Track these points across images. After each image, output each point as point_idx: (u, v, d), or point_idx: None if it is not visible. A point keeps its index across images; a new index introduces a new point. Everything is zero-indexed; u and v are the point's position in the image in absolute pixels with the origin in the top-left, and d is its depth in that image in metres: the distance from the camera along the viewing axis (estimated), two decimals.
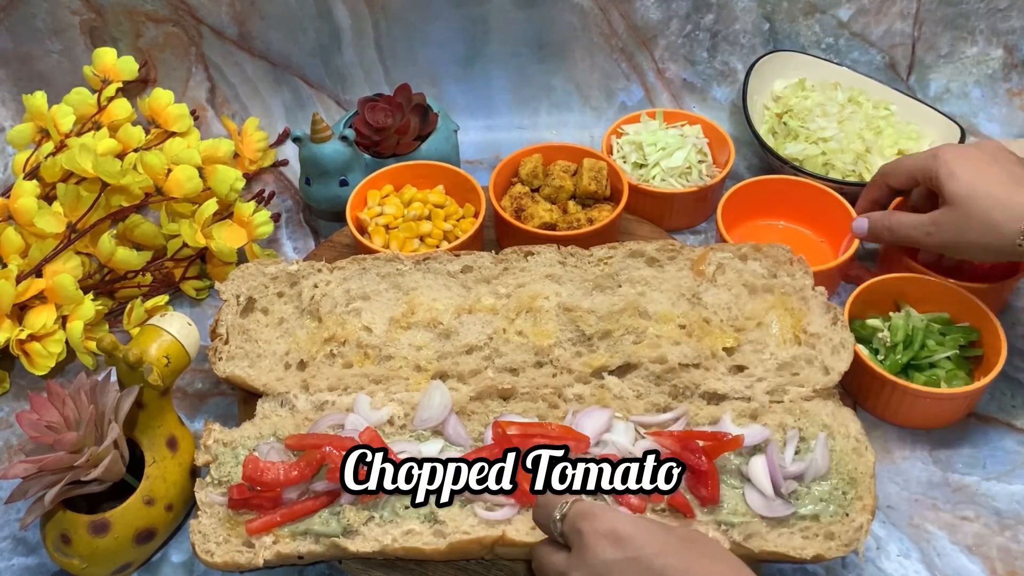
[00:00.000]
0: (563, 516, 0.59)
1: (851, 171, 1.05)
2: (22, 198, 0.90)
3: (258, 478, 0.70)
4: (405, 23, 1.15)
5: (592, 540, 0.55)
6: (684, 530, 0.59)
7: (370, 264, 0.86)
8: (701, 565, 0.54)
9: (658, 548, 0.54)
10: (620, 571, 0.54)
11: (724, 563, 0.55)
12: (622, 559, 0.54)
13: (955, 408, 0.83)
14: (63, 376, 0.94)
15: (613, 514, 0.57)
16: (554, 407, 0.77)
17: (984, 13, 1.14)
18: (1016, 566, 0.75)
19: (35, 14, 1.11)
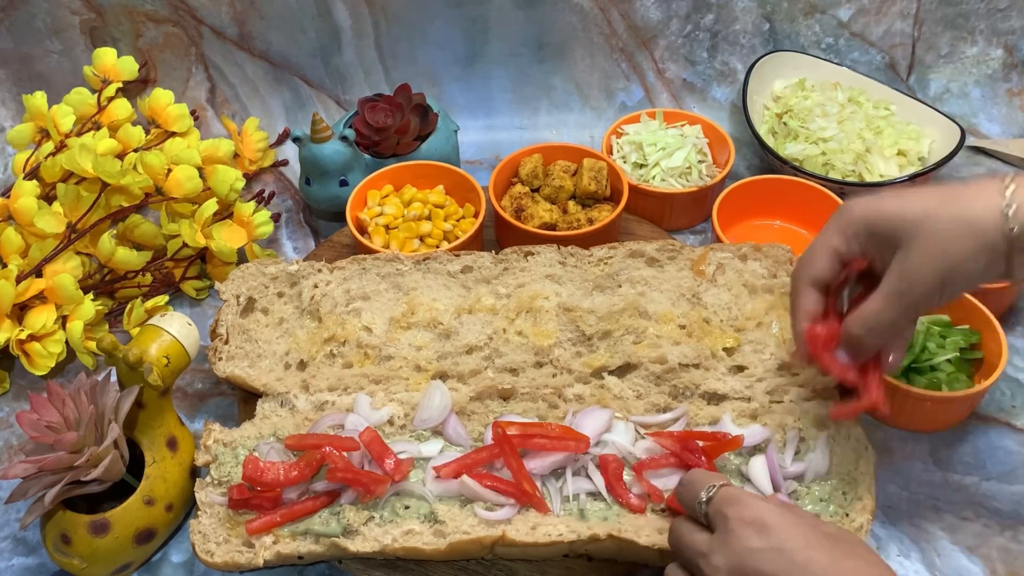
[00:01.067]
0: (709, 498, 0.59)
1: (851, 171, 1.05)
2: (22, 198, 0.90)
3: (258, 478, 0.70)
4: (405, 23, 1.15)
5: (737, 526, 0.55)
6: (831, 527, 0.58)
7: (370, 264, 0.86)
8: (845, 564, 0.53)
9: (803, 542, 0.54)
10: (763, 560, 0.54)
11: (870, 565, 0.54)
12: (766, 548, 0.54)
13: (956, 411, 0.83)
14: (63, 376, 0.94)
15: (761, 503, 0.57)
16: (554, 407, 0.77)
17: (984, 13, 1.14)
18: (1016, 566, 0.75)
19: (35, 14, 1.11)
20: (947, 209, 0.57)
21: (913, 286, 0.59)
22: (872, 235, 0.61)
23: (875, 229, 0.60)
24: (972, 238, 0.57)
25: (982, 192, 0.57)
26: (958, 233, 0.57)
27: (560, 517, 0.70)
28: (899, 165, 1.05)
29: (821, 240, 0.64)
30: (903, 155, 1.06)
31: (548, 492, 0.71)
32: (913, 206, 0.59)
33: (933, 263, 0.58)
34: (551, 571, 0.72)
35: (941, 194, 0.59)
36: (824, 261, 0.64)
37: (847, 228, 0.62)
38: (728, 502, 0.57)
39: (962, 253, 0.57)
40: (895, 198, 0.60)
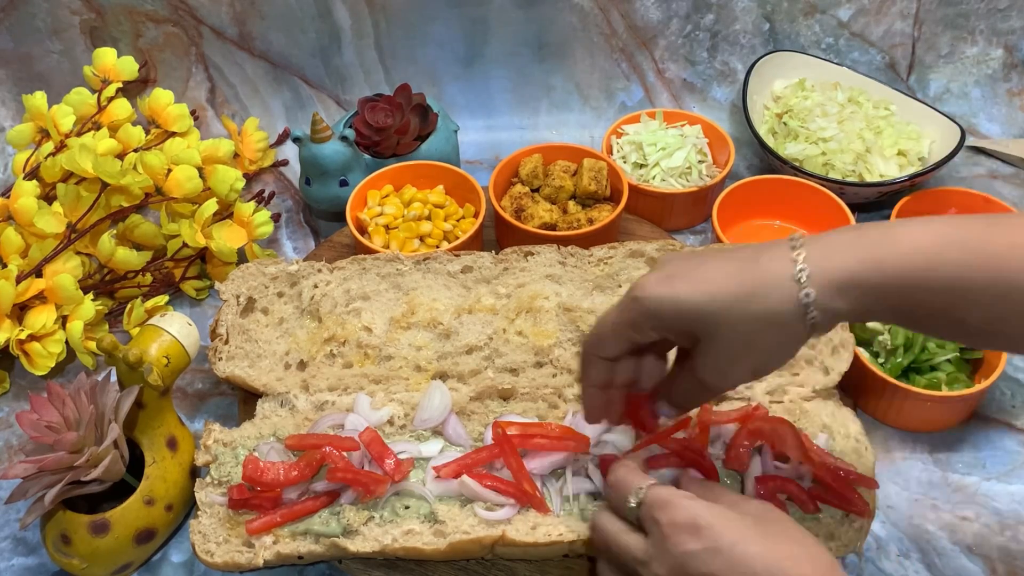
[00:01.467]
0: (640, 502, 0.59)
1: (851, 171, 1.05)
2: (22, 198, 0.89)
3: (258, 478, 0.70)
4: (405, 23, 1.15)
5: (671, 531, 0.55)
6: (759, 509, 0.58)
7: (370, 264, 0.86)
8: (780, 548, 0.54)
9: (738, 536, 0.54)
10: (702, 562, 0.54)
11: (799, 544, 0.55)
12: (702, 550, 0.54)
13: (956, 411, 0.83)
14: (63, 376, 0.94)
15: (690, 503, 0.57)
16: (554, 407, 0.77)
17: (984, 13, 1.14)
18: (1016, 566, 0.75)
19: (35, 14, 1.11)
20: (745, 308, 0.54)
21: (724, 379, 0.59)
22: (670, 328, 0.57)
23: (671, 325, 0.57)
24: (774, 334, 0.55)
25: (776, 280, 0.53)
26: (760, 332, 0.55)
27: (560, 517, 0.70)
28: (899, 165, 1.05)
29: (613, 324, 0.60)
30: (903, 155, 1.06)
31: (548, 492, 0.71)
32: (711, 302, 0.55)
33: (738, 361, 0.57)
34: (551, 571, 0.72)
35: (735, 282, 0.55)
36: (615, 346, 0.60)
37: (643, 321, 0.57)
38: (658, 506, 0.57)
39: (767, 349, 0.56)
40: (688, 282, 0.56)
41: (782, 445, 0.69)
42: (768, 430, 0.70)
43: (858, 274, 0.52)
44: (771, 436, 0.70)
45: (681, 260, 0.58)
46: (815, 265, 0.53)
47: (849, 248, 0.53)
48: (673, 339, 0.59)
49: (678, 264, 0.57)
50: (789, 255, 0.54)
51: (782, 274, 0.53)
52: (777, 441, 0.69)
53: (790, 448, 0.69)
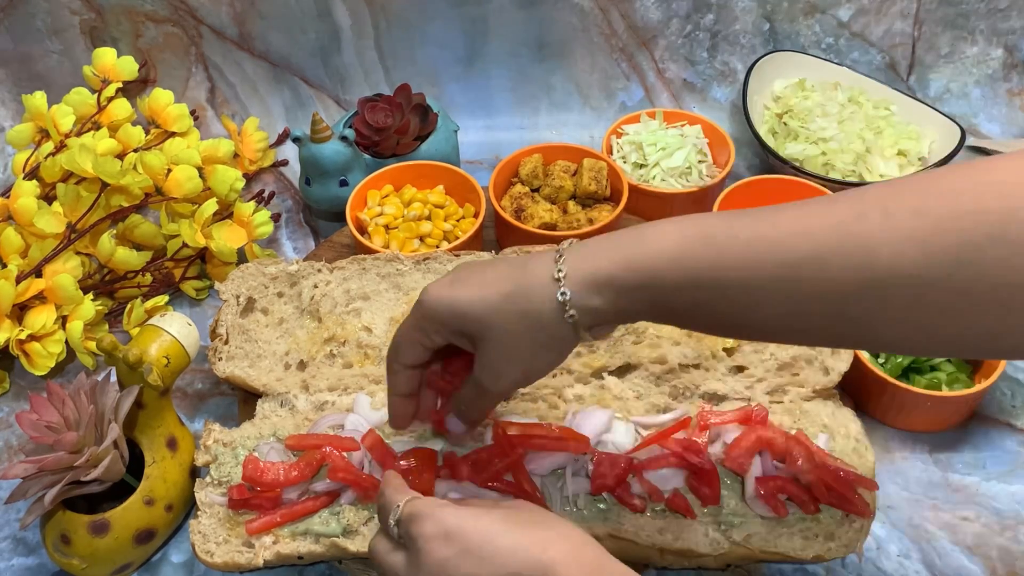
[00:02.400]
0: (398, 520, 0.58)
1: (851, 171, 1.05)
2: (22, 198, 0.89)
3: (258, 478, 0.70)
4: (405, 23, 1.15)
5: (424, 544, 0.55)
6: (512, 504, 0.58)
7: (370, 264, 0.86)
8: (528, 536, 0.54)
9: (483, 534, 0.54)
10: (455, 567, 0.54)
11: (548, 530, 0.55)
12: (454, 554, 0.54)
13: (956, 411, 0.83)
14: (63, 376, 0.94)
15: (439, 510, 0.57)
16: (554, 407, 0.77)
17: (984, 13, 1.14)
18: (1016, 566, 0.75)
19: (35, 14, 1.11)
20: (512, 306, 0.57)
21: (497, 381, 0.61)
22: (450, 330, 0.60)
23: (450, 326, 0.60)
24: (538, 332, 0.57)
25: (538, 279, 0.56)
26: (525, 330, 0.57)
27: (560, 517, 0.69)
28: (899, 165, 1.05)
29: (405, 330, 0.63)
30: (903, 155, 1.06)
31: (548, 492, 0.71)
32: (482, 303, 0.58)
33: (509, 361, 0.59)
34: None
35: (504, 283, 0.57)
36: (411, 352, 0.64)
37: (426, 324, 0.61)
38: (412, 520, 0.57)
39: (533, 348, 0.58)
40: (465, 286, 0.59)
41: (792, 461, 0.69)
42: (780, 444, 0.70)
43: (610, 273, 0.54)
44: (782, 451, 0.70)
45: (469, 267, 0.61)
46: (572, 266, 0.55)
47: (603, 250, 0.56)
48: (456, 342, 0.61)
49: (464, 271, 0.61)
50: (552, 258, 0.57)
51: (543, 275, 0.56)
52: (789, 459, 0.69)
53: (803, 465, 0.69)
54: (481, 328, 0.58)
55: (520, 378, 0.61)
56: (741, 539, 0.68)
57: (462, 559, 0.54)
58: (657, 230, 0.55)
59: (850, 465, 0.70)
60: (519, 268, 0.58)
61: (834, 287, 0.49)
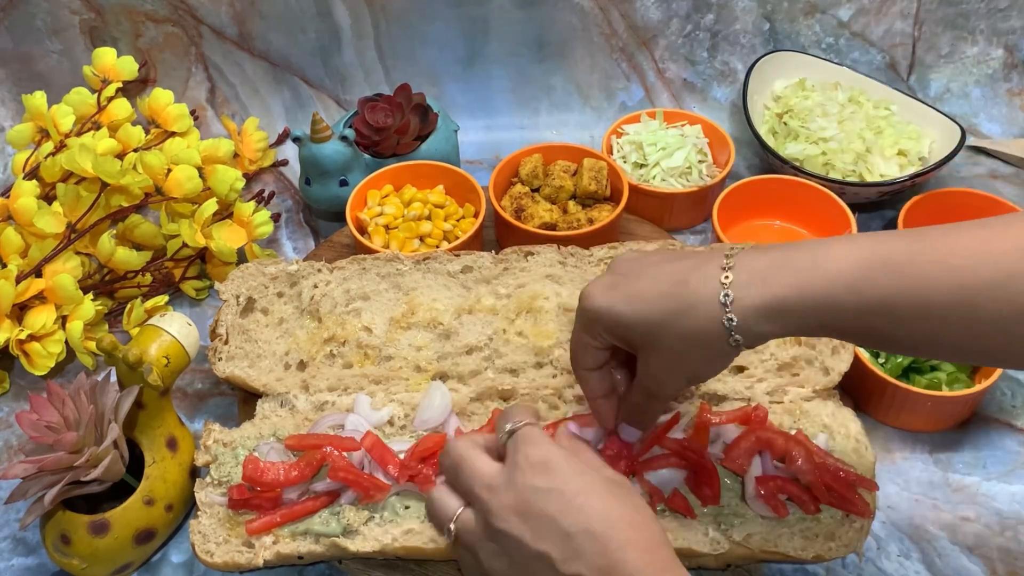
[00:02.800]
0: (511, 431, 0.61)
1: (851, 171, 1.05)
2: (22, 198, 0.89)
3: (258, 478, 0.70)
4: (405, 23, 1.15)
5: (524, 463, 0.58)
6: (613, 474, 0.61)
7: (370, 264, 0.86)
8: (618, 510, 0.56)
9: (582, 486, 0.57)
10: (542, 500, 0.56)
11: (640, 513, 0.57)
12: (547, 489, 0.56)
13: (957, 411, 0.83)
14: (63, 376, 0.94)
15: (550, 445, 0.59)
16: (554, 408, 0.77)
17: (984, 13, 1.14)
18: (1016, 566, 0.75)
19: (35, 14, 1.11)
20: (673, 326, 0.57)
21: (661, 388, 0.62)
22: (613, 336, 0.61)
23: (614, 335, 0.61)
24: (701, 350, 0.57)
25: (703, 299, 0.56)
26: (687, 349, 0.58)
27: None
28: (899, 165, 1.05)
29: (576, 335, 0.65)
30: (903, 155, 1.06)
31: None
32: (644, 318, 0.58)
33: (673, 371, 0.60)
34: None
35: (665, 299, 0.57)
36: (587, 356, 0.65)
37: (592, 328, 0.62)
38: (524, 439, 0.59)
39: (696, 363, 0.59)
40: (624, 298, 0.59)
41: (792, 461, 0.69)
42: (780, 444, 0.70)
43: (783, 299, 0.54)
44: (782, 451, 0.70)
45: (625, 266, 0.61)
46: (740, 291, 0.55)
47: (775, 274, 0.54)
48: (621, 344, 0.62)
49: (620, 273, 0.61)
50: (718, 276, 0.55)
51: (708, 297, 0.55)
52: (789, 459, 0.69)
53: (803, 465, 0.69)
54: (644, 340, 0.59)
55: (682, 384, 0.63)
56: (741, 539, 0.68)
57: (551, 497, 0.56)
58: (832, 252, 0.53)
59: (850, 465, 0.70)
60: (680, 286, 0.57)
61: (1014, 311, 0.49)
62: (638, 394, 0.65)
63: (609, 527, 0.55)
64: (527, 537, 0.56)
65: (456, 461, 0.62)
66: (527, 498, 0.57)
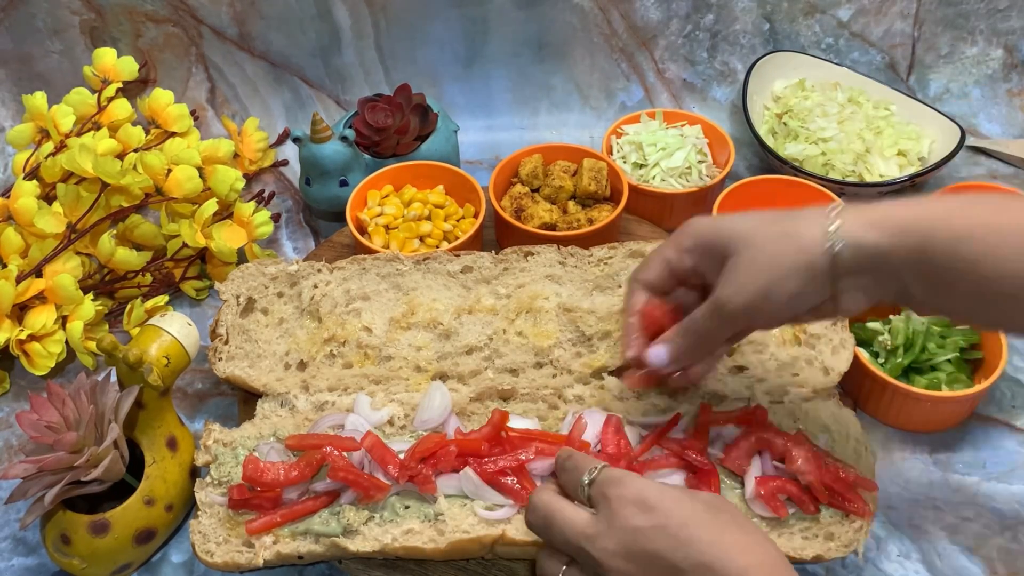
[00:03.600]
0: (592, 481, 0.59)
1: (851, 171, 1.05)
2: (22, 198, 0.90)
3: (258, 478, 0.70)
4: (405, 23, 1.15)
5: (619, 506, 0.56)
6: (709, 497, 0.59)
7: (370, 264, 0.86)
8: (727, 536, 0.54)
9: (685, 518, 0.55)
10: (648, 538, 0.54)
11: (749, 535, 0.55)
12: (651, 527, 0.55)
13: (956, 411, 0.83)
14: (63, 376, 0.94)
15: (641, 481, 0.58)
16: (554, 408, 0.77)
17: (984, 13, 1.14)
18: (1016, 566, 0.75)
19: (35, 14, 1.11)
20: (775, 226, 0.60)
21: (735, 295, 0.60)
22: (704, 249, 0.63)
23: (707, 243, 0.62)
24: (795, 253, 0.58)
25: (810, 214, 0.59)
26: (782, 247, 0.59)
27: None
28: (899, 165, 1.05)
29: (658, 249, 0.67)
30: (903, 155, 1.06)
31: None
32: (745, 223, 0.61)
33: (757, 274, 0.59)
34: None
35: (774, 215, 0.61)
36: (655, 268, 0.66)
37: (682, 242, 0.64)
38: (610, 483, 0.58)
39: (785, 266, 0.59)
40: (730, 218, 0.63)
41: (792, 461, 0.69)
42: (779, 445, 0.70)
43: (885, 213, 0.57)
44: (781, 451, 0.70)
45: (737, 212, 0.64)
46: (846, 212, 0.58)
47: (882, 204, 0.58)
48: (705, 265, 0.63)
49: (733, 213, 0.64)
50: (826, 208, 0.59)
51: (817, 211, 0.59)
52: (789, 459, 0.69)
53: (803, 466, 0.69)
54: (738, 241, 0.60)
55: (758, 296, 0.60)
56: None
57: (656, 534, 0.54)
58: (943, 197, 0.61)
59: (850, 465, 0.70)
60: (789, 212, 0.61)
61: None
62: (705, 309, 0.63)
63: (722, 556, 0.53)
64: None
65: (546, 516, 0.60)
66: (631, 539, 0.55)
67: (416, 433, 0.75)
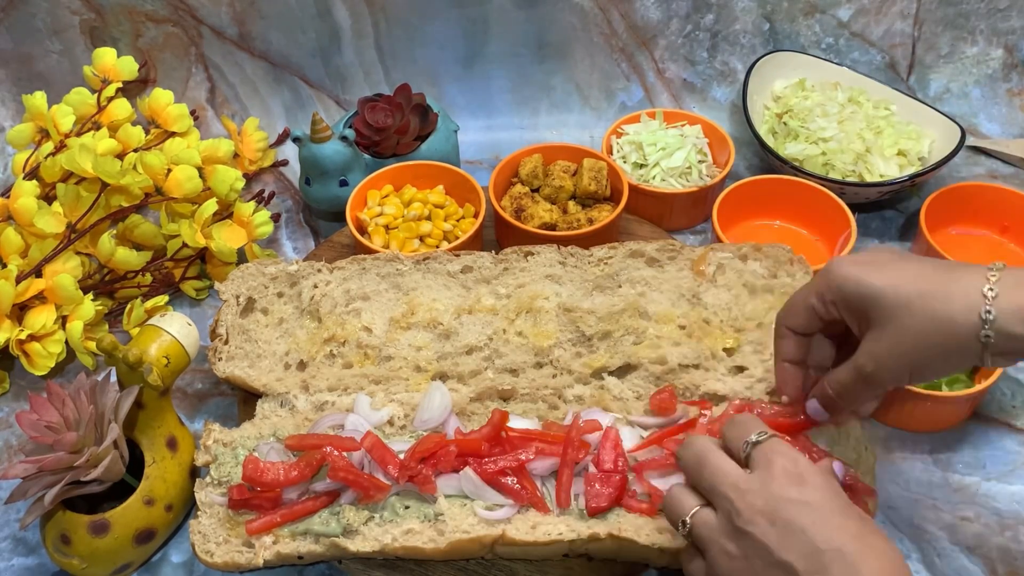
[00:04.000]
0: (759, 441, 0.59)
1: (851, 171, 1.05)
2: (22, 198, 0.89)
3: (258, 478, 0.70)
4: (405, 23, 1.15)
5: (781, 473, 0.56)
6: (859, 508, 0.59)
7: (370, 264, 0.86)
8: (869, 537, 0.55)
9: (838, 507, 0.56)
10: (795, 511, 0.55)
11: (885, 541, 0.56)
12: (801, 501, 0.55)
13: (957, 411, 0.83)
14: (63, 376, 0.94)
15: (806, 461, 0.58)
16: (554, 408, 0.77)
17: (984, 13, 1.14)
18: (1016, 566, 0.75)
19: (35, 14, 1.11)
20: (926, 304, 0.57)
21: (879, 371, 0.60)
22: (847, 306, 0.61)
23: (852, 301, 0.61)
24: (946, 339, 0.57)
25: (964, 289, 0.56)
26: (932, 332, 0.57)
27: (560, 516, 0.70)
28: (899, 165, 1.05)
29: (803, 294, 0.65)
30: (903, 155, 1.06)
31: (548, 492, 0.71)
32: (893, 291, 0.58)
33: (903, 356, 0.59)
34: (551, 571, 0.72)
35: (924, 281, 0.58)
36: (801, 316, 0.65)
37: (826, 292, 0.62)
38: (777, 450, 0.58)
39: (933, 352, 0.58)
40: (879, 271, 0.60)
41: None
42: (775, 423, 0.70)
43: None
44: None
45: (879, 252, 0.62)
46: (1006, 288, 0.55)
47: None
48: (848, 317, 0.62)
49: (877, 256, 0.61)
50: (985, 273, 0.56)
51: (970, 286, 0.56)
52: None
53: None
54: (882, 314, 0.58)
55: (903, 375, 0.60)
56: None
57: (805, 510, 0.55)
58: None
59: (850, 465, 0.70)
60: (944, 271, 0.58)
61: None
62: (849, 374, 0.62)
63: (861, 552, 0.53)
64: (773, 543, 0.54)
65: (700, 458, 0.60)
66: (779, 506, 0.55)
67: (416, 433, 0.75)
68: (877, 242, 1.03)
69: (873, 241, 1.03)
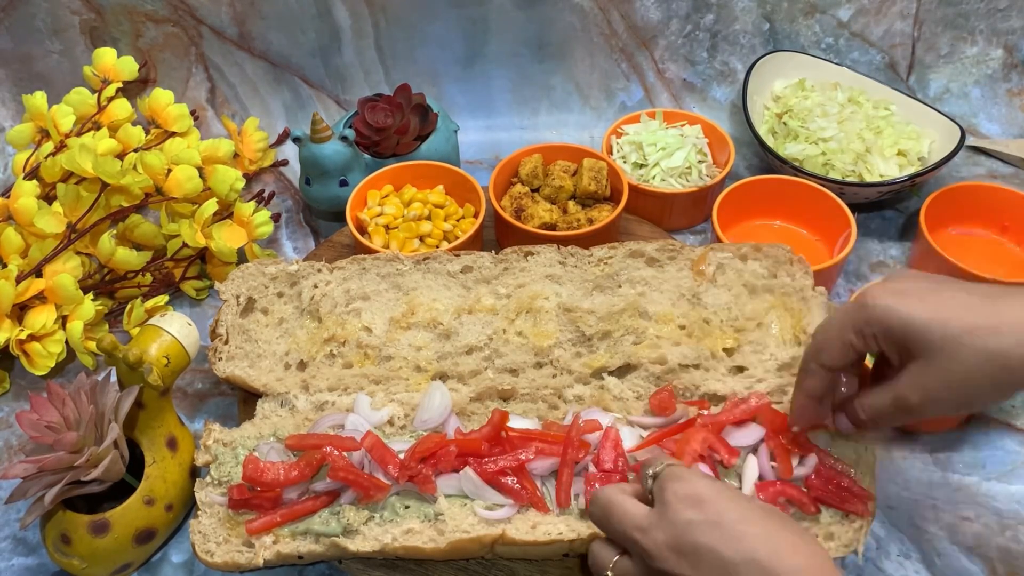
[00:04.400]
0: (655, 475, 0.60)
1: (851, 171, 1.05)
2: (22, 198, 0.90)
3: (258, 478, 0.70)
4: (405, 23, 1.15)
5: (674, 500, 0.56)
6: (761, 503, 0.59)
7: (370, 264, 0.86)
8: (779, 535, 0.54)
9: (738, 515, 0.55)
10: (700, 533, 0.55)
11: (800, 536, 0.55)
12: (703, 521, 0.55)
13: None
14: (63, 376, 0.94)
15: (699, 479, 0.58)
16: (554, 408, 0.77)
17: (984, 13, 1.14)
18: (1016, 566, 0.75)
19: (35, 14, 1.11)
20: (976, 340, 0.55)
21: (925, 403, 0.58)
22: (891, 340, 0.59)
23: (895, 336, 0.58)
24: (998, 372, 0.55)
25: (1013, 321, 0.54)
26: (985, 367, 0.55)
27: (560, 516, 0.70)
28: (899, 165, 1.05)
29: (839, 329, 0.61)
30: (903, 155, 1.06)
31: (548, 492, 0.71)
32: (941, 326, 0.56)
33: (952, 390, 0.57)
34: (551, 571, 0.72)
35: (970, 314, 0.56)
36: (838, 353, 0.62)
37: (866, 328, 0.59)
38: (670, 478, 0.58)
39: (985, 386, 0.56)
40: (920, 302, 0.57)
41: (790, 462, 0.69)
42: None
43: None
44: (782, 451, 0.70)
45: (913, 279, 0.59)
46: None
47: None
48: (890, 350, 0.59)
49: (910, 283, 0.59)
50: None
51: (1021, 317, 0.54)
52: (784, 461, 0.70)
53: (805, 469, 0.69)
54: (928, 348, 0.56)
55: (950, 407, 0.58)
56: None
57: (708, 528, 0.54)
58: None
59: (850, 466, 0.70)
60: (989, 302, 0.56)
61: None
62: (888, 401, 0.60)
63: (774, 553, 0.53)
64: (687, 572, 0.54)
65: (605, 509, 0.61)
66: (682, 532, 0.55)
67: (416, 433, 0.75)
68: (877, 242, 1.03)
69: (873, 241, 1.03)
